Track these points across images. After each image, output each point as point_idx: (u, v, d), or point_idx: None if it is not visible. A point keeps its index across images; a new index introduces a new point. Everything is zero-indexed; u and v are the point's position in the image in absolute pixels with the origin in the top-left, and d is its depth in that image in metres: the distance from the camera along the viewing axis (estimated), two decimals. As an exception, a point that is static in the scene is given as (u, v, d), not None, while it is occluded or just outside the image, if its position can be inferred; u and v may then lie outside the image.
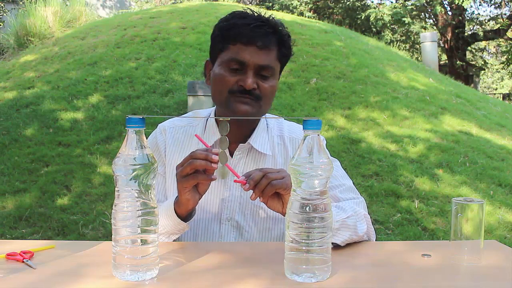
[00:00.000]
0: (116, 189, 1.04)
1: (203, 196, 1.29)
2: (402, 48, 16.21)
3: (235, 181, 1.23)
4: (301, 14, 15.56)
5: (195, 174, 1.20)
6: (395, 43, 15.31)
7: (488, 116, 6.40)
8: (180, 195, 1.25)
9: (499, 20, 17.44)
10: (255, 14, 1.43)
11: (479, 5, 20.69)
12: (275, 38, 1.40)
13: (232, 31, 1.39)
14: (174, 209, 1.30)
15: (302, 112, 5.44)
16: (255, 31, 1.37)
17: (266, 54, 1.38)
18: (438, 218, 3.90)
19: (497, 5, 17.72)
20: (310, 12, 16.76)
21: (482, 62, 20.29)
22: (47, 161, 4.61)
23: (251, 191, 1.21)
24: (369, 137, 5.11)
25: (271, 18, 1.44)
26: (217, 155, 1.19)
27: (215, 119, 1.49)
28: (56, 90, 5.97)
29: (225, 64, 1.40)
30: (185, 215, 1.31)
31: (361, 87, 6.14)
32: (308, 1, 16.95)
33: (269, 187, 1.19)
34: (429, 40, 9.60)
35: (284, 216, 1.21)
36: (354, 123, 5.38)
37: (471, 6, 18.80)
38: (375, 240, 1.44)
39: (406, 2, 15.75)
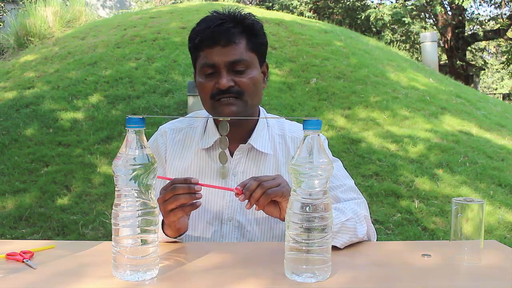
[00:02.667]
0: (116, 189, 1.04)
1: (204, 196, 1.29)
2: (402, 48, 16.21)
3: (235, 188, 1.22)
4: (301, 14, 15.55)
5: (181, 207, 1.20)
6: (395, 43, 15.30)
7: (488, 116, 6.40)
8: (170, 227, 1.26)
9: (499, 20, 17.43)
10: (218, 14, 1.43)
11: (479, 5, 20.69)
12: (239, 30, 1.39)
13: (197, 38, 1.41)
14: (163, 231, 1.30)
15: (302, 112, 5.44)
16: (216, 31, 1.38)
17: (233, 49, 1.38)
18: (438, 218, 3.90)
19: (497, 5, 17.71)
20: (310, 12, 16.76)
21: (482, 62, 20.28)
22: (47, 161, 4.61)
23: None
24: (369, 137, 5.10)
25: (233, 12, 1.43)
26: (197, 184, 1.19)
27: (215, 119, 1.49)
28: (56, 90, 5.97)
29: (200, 72, 1.42)
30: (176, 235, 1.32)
31: (361, 87, 6.13)
32: (308, 1, 16.94)
33: (264, 196, 1.19)
34: (429, 40, 9.59)
35: (283, 221, 1.22)
36: (354, 123, 5.37)
37: (471, 6, 18.80)
38: (375, 240, 1.44)
39: (406, 2, 15.74)
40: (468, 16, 18.01)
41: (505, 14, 17.38)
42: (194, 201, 1.20)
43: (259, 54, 1.44)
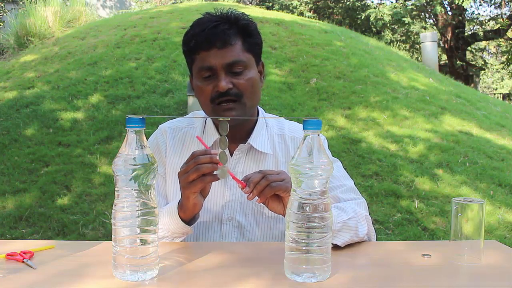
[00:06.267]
0: (116, 189, 1.04)
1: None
2: (402, 48, 16.20)
3: (237, 181, 1.23)
4: (301, 14, 15.55)
5: (202, 177, 1.20)
6: (395, 43, 15.30)
7: (488, 116, 6.40)
8: (187, 201, 1.26)
9: (499, 20, 17.42)
10: (211, 15, 1.42)
11: (479, 5, 20.66)
12: (234, 31, 1.39)
13: (192, 42, 1.40)
14: (179, 214, 1.30)
15: (302, 112, 5.44)
16: (211, 33, 1.37)
17: (230, 50, 1.38)
18: (438, 218, 3.90)
19: (497, 5, 17.70)
20: (310, 12, 16.76)
21: (482, 62, 20.27)
22: (47, 161, 4.61)
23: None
24: (369, 137, 5.10)
25: (227, 13, 1.42)
26: (216, 154, 1.20)
27: (214, 119, 1.49)
28: (56, 90, 5.97)
29: (197, 75, 1.41)
30: (189, 219, 1.31)
31: (361, 87, 6.13)
32: (308, 1, 16.94)
33: (268, 189, 1.19)
34: (429, 40, 9.59)
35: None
36: (354, 123, 5.37)
37: (471, 6, 18.79)
38: (375, 240, 1.44)
39: (406, 2, 15.74)
40: (468, 16, 18.00)
41: (505, 14, 17.37)
42: (214, 177, 1.21)
43: (255, 54, 1.44)
